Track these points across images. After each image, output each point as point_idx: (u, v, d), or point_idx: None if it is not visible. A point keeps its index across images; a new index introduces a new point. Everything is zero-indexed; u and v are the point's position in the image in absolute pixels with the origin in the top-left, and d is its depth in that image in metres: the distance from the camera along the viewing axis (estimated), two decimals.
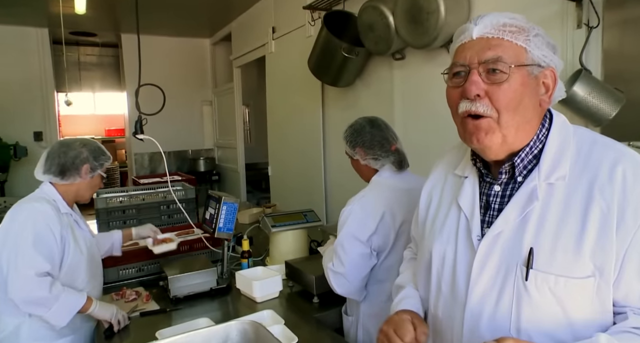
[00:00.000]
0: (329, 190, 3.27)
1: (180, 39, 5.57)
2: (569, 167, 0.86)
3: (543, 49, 0.87)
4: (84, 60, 7.10)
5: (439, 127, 2.20)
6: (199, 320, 1.74)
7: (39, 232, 1.57)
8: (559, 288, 0.81)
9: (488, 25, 0.87)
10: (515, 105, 0.85)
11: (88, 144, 1.78)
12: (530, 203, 0.86)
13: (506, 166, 0.91)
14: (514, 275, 0.85)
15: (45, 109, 5.08)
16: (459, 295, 0.94)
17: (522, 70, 0.85)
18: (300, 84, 3.40)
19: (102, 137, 7.87)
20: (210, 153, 5.95)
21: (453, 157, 1.10)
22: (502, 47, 0.85)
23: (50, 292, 1.53)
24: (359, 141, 1.67)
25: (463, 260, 0.94)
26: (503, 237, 0.88)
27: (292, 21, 3.43)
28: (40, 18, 4.54)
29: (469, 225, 0.95)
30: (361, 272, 1.60)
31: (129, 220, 2.64)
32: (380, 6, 2.19)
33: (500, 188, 0.93)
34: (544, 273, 0.82)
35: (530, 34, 0.87)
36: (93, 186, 1.82)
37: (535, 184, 0.87)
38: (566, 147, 0.88)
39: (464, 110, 0.88)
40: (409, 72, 2.41)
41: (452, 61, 0.92)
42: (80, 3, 3.44)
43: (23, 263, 1.53)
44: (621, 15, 1.56)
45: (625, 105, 1.46)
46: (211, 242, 2.31)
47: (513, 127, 0.86)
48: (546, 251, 0.83)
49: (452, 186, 1.04)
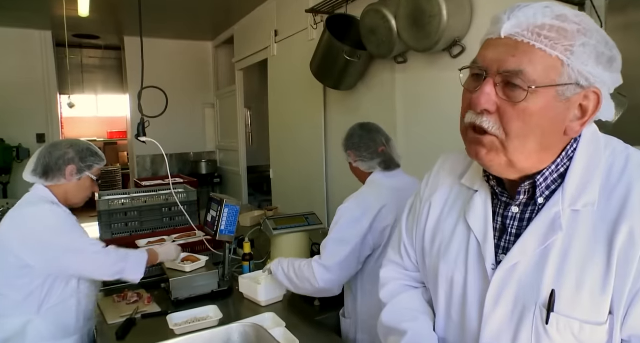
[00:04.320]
0: (330, 193, 3.27)
1: (182, 41, 5.59)
2: (598, 191, 0.72)
3: (589, 64, 0.69)
4: (86, 62, 7.14)
5: (441, 131, 2.20)
6: (207, 307, 1.80)
7: (69, 221, 1.65)
8: (585, 334, 0.71)
9: (522, 23, 0.69)
10: (528, 132, 0.71)
11: (76, 144, 1.73)
12: (553, 233, 0.74)
13: (526, 185, 0.78)
14: (533, 315, 0.74)
15: (48, 111, 5.09)
16: (471, 326, 0.85)
17: (549, 90, 0.69)
18: (302, 87, 3.41)
19: (105, 140, 7.91)
20: (212, 156, 5.96)
21: (459, 161, 0.96)
22: (530, 57, 0.69)
23: (118, 254, 1.69)
24: (350, 144, 1.77)
25: (475, 289, 0.84)
26: (520, 269, 0.77)
27: (295, 24, 3.44)
28: (43, 21, 4.56)
29: (480, 250, 0.83)
30: (348, 270, 1.65)
31: (130, 222, 2.64)
32: (382, 10, 2.19)
33: (518, 210, 0.81)
34: (568, 319, 0.71)
35: (576, 43, 0.68)
36: (83, 189, 1.76)
37: (559, 210, 0.74)
38: (596, 165, 0.74)
39: (468, 121, 0.76)
40: (411, 76, 2.41)
41: (475, 57, 0.77)
42: (83, 6, 3.46)
43: (83, 245, 1.64)
44: (624, 19, 1.56)
45: (628, 109, 1.47)
46: (213, 244, 2.31)
47: (522, 155, 0.73)
48: (569, 292, 0.71)
49: (458, 197, 0.91)
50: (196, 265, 2.05)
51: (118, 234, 2.58)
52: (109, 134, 8.04)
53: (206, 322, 1.71)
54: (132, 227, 2.64)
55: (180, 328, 1.66)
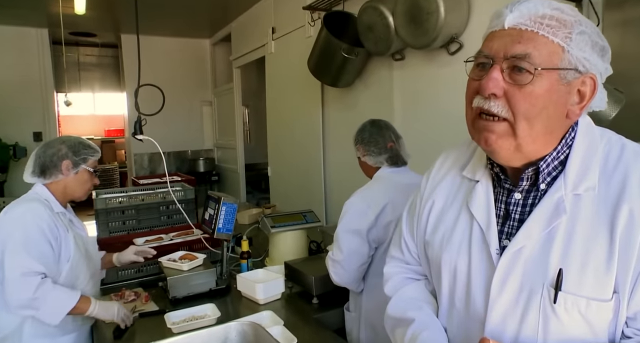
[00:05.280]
0: (328, 190, 3.27)
1: (180, 39, 5.57)
2: (597, 176, 0.77)
3: (586, 51, 0.76)
4: (83, 60, 7.10)
5: (439, 127, 2.20)
6: (205, 306, 1.81)
7: (28, 233, 1.55)
8: (591, 311, 0.74)
9: (525, 14, 0.75)
10: (535, 114, 0.75)
11: (68, 140, 1.74)
12: (557, 216, 0.78)
13: (529, 171, 0.82)
14: (540, 295, 0.77)
15: (44, 109, 5.08)
16: (477, 313, 0.86)
17: (552, 73, 0.74)
18: (300, 85, 3.40)
19: (102, 138, 7.88)
20: (210, 153, 5.95)
21: (460, 155, 0.99)
22: (535, 43, 0.74)
23: (35, 293, 1.49)
24: (359, 139, 1.81)
25: (479, 276, 0.85)
26: (526, 253, 0.80)
27: (292, 22, 3.43)
28: (40, 18, 4.54)
29: (484, 237, 0.86)
30: (358, 260, 1.68)
31: (128, 220, 2.64)
32: (380, 7, 2.18)
33: (521, 196, 0.84)
34: (575, 296, 0.75)
35: (574, 31, 0.75)
36: (82, 182, 1.75)
37: (562, 195, 0.78)
38: (593, 153, 0.80)
39: (476, 106, 0.79)
40: (408, 73, 2.41)
41: (480, 48, 0.81)
42: (80, 4, 3.44)
43: (10, 265, 1.51)
44: (621, 16, 1.56)
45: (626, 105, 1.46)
46: (210, 242, 2.31)
47: (530, 137, 0.77)
48: (575, 272, 0.75)
49: (460, 189, 0.95)
50: (194, 263, 2.05)
51: (115, 233, 2.58)
52: (106, 132, 8.02)
53: (204, 320, 1.71)
54: (130, 225, 2.64)
55: (177, 326, 1.65)
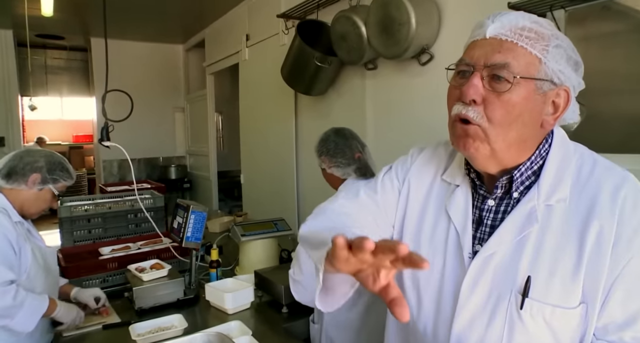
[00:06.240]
0: (301, 198, 3.25)
1: (152, 44, 5.48)
2: (569, 189, 0.80)
3: (561, 64, 0.79)
4: (50, 63, 6.90)
5: (411, 136, 2.22)
6: (172, 316, 1.75)
7: None
8: (555, 318, 0.78)
9: (505, 25, 0.78)
10: (510, 121, 0.78)
11: (50, 156, 1.71)
12: (529, 225, 0.81)
13: (503, 180, 0.85)
14: (508, 301, 0.80)
15: (8, 113, 4.88)
16: (444, 313, 0.89)
17: (529, 83, 0.77)
18: (274, 92, 3.39)
19: (70, 143, 7.67)
20: (182, 160, 5.85)
21: (437, 157, 1.00)
22: (514, 54, 0.77)
23: (15, 299, 1.46)
24: (324, 150, 1.75)
25: (451, 277, 0.88)
26: (496, 259, 0.83)
27: (266, 29, 3.42)
28: (4, 19, 4.39)
29: (459, 240, 0.88)
30: None
31: (94, 229, 2.56)
32: (352, 16, 2.20)
33: (494, 203, 0.87)
34: (540, 303, 0.78)
35: (551, 44, 0.78)
36: (41, 201, 1.70)
37: (535, 205, 0.81)
38: (567, 165, 0.83)
39: (455, 113, 0.82)
40: (381, 82, 2.43)
41: (461, 56, 0.84)
42: (47, 5, 3.34)
43: None
44: (582, 31, 1.62)
45: (586, 118, 1.51)
46: (179, 251, 2.26)
47: (504, 143, 0.80)
48: (543, 280, 0.78)
49: (440, 192, 0.96)
50: (157, 273, 1.99)
51: (81, 242, 2.49)
52: (74, 137, 7.81)
53: (170, 331, 1.66)
54: (96, 234, 2.55)
55: (143, 338, 1.60)
